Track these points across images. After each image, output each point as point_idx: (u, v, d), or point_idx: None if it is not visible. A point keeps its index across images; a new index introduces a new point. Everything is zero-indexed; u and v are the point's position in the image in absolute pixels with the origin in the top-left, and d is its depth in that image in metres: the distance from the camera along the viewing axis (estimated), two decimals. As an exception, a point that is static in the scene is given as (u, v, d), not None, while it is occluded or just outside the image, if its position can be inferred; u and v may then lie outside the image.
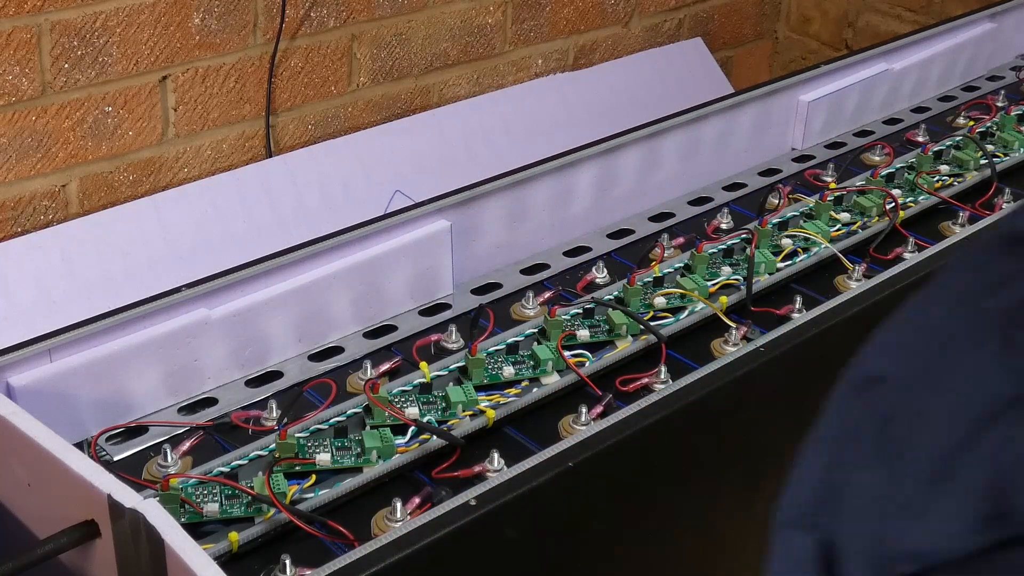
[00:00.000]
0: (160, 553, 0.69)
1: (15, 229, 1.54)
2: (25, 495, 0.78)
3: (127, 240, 1.53)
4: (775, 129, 1.42)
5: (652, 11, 2.13)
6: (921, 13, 2.20)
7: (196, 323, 0.98)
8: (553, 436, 0.93)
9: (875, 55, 1.50)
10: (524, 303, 1.11)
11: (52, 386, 0.92)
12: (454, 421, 0.94)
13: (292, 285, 1.03)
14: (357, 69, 1.79)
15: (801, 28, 2.38)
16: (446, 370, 0.98)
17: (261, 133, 1.72)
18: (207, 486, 0.86)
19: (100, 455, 0.92)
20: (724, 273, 1.13)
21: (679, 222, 1.28)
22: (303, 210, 1.66)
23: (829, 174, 1.36)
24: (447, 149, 1.81)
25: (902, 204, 1.24)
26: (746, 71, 2.36)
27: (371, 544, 0.77)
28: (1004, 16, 1.65)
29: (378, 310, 1.10)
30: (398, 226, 1.09)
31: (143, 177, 1.63)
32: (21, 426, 0.76)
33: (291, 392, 1.00)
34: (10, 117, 1.49)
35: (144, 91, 1.59)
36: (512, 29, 1.95)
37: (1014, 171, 1.35)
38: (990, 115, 1.45)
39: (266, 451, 0.89)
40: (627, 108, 1.93)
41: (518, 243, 1.20)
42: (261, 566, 0.81)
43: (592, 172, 1.24)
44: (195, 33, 1.61)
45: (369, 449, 0.89)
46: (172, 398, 0.99)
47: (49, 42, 1.49)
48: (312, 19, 1.71)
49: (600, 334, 1.04)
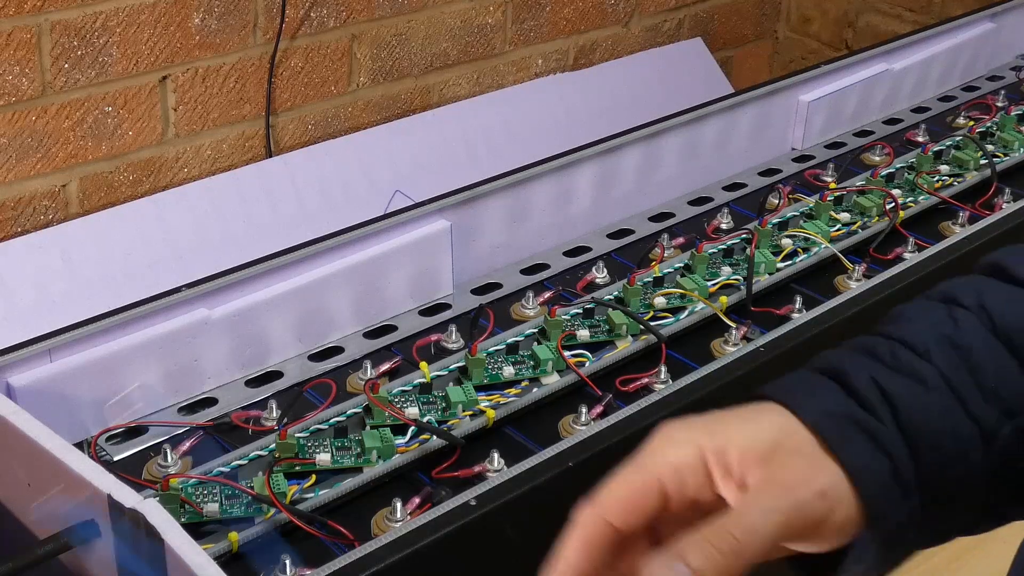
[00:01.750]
0: (160, 553, 0.69)
1: (15, 229, 1.54)
2: (25, 495, 0.78)
3: (127, 240, 1.53)
4: (775, 129, 1.42)
5: (652, 11, 2.13)
6: (921, 13, 2.20)
7: (196, 323, 0.98)
8: (553, 436, 0.93)
9: (875, 55, 1.50)
10: (524, 303, 1.11)
11: (52, 386, 0.92)
12: (454, 421, 0.94)
13: (292, 285, 1.03)
14: (357, 69, 1.79)
15: (801, 28, 2.38)
16: (446, 370, 0.98)
17: (261, 133, 1.72)
18: (207, 486, 0.86)
19: (100, 455, 0.92)
20: (724, 273, 1.13)
21: (679, 222, 1.28)
22: (303, 210, 1.66)
23: (829, 174, 1.36)
24: (447, 149, 1.81)
25: (902, 204, 1.24)
26: (746, 71, 2.36)
27: (371, 544, 0.77)
28: (1004, 16, 1.65)
29: (378, 310, 1.10)
30: (398, 226, 1.09)
31: (143, 177, 1.63)
32: (21, 426, 0.76)
33: (291, 392, 1.00)
34: (10, 117, 1.49)
35: (144, 91, 1.59)
36: (512, 29, 1.95)
37: (1014, 171, 1.35)
38: (990, 115, 1.45)
39: (266, 451, 0.89)
40: (627, 108, 1.93)
41: (518, 243, 1.20)
42: (261, 566, 0.82)
43: (592, 172, 1.24)
44: (195, 33, 1.61)
45: (369, 449, 0.89)
46: (172, 398, 0.99)
47: (49, 42, 1.49)
48: (312, 19, 1.71)
49: (600, 334, 1.04)
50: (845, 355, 0.54)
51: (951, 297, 0.55)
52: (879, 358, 0.53)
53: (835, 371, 0.52)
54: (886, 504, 0.49)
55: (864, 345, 0.54)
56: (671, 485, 0.49)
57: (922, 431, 0.50)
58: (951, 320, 0.54)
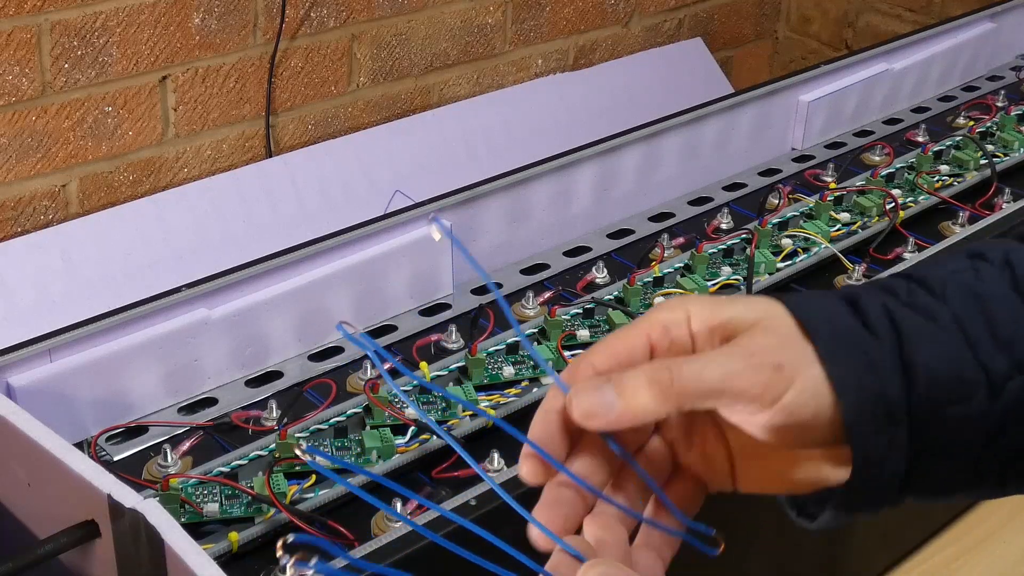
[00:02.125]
0: (160, 553, 0.69)
1: (15, 229, 1.54)
2: (25, 495, 0.78)
3: (127, 240, 1.53)
4: (775, 129, 1.42)
5: (652, 11, 2.13)
6: (921, 13, 2.20)
7: (196, 323, 0.98)
8: (553, 436, 0.93)
9: (875, 55, 1.50)
10: (524, 303, 1.12)
11: (52, 386, 0.92)
12: (454, 421, 0.94)
13: (292, 285, 1.03)
14: (357, 69, 1.79)
15: (801, 28, 2.38)
16: (446, 370, 0.98)
17: (261, 133, 1.72)
18: (207, 486, 0.86)
19: (100, 455, 0.92)
20: (724, 273, 1.13)
21: (679, 222, 1.28)
22: (303, 210, 1.66)
23: (829, 174, 1.36)
24: (447, 149, 1.81)
25: (902, 204, 1.24)
26: (746, 71, 2.36)
27: (371, 544, 0.77)
28: (1004, 16, 1.65)
29: (378, 310, 1.10)
30: (398, 226, 1.09)
31: (143, 177, 1.64)
32: (21, 426, 0.76)
33: (291, 392, 1.00)
34: (10, 117, 1.49)
35: (144, 91, 1.59)
36: (512, 29, 1.95)
37: (1014, 171, 1.35)
38: (990, 115, 1.45)
39: (266, 451, 0.89)
40: (627, 108, 1.93)
41: (518, 243, 1.20)
42: (261, 566, 0.82)
43: (592, 172, 1.24)
44: (195, 33, 1.61)
45: (369, 449, 0.90)
46: (172, 398, 0.99)
47: (49, 42, 1.49)
48: (312, 19, 1.71)
49: (600, 334, 1.04)
50: (862, 287, 0.54)
51: (977, 253, 0.55)
52: (895, 293, 0.53)
53: (849, 296, 0.53)
54: (866, 421, 0.49)
55: (883, 282, 0.54)
56: (658, 341, 0.51)
57: (923, 364, 0.50)
58: (973, 271, 0.53)
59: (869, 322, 0.51)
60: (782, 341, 0.49)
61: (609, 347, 0.51)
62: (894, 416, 0.49)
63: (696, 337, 0.51)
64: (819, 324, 0.50)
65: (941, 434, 0.50)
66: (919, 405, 0.50)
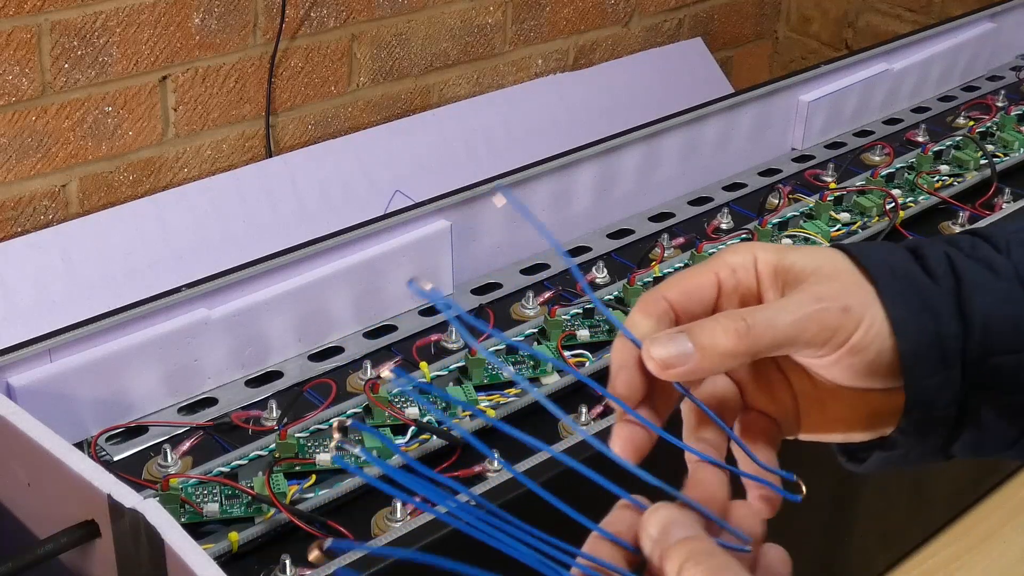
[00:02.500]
0: (160, 553, 0.69)
1: (15, 229, 1.54)
2: (25, 495, 0.78)
3: (127, 240, 1.54)
4: (775, 129, 1.42)
5: (652, 11, 2.13)
6: (921, 13, 2.20)
7: (196, 323, 0.98)
8: (553, 436, 0.93)
9: (875, 55, 1.50)
10: (524, 303, 1.11)
11: (52, 386, 0.92)
12: (455, 421, 0.94)
13: (292, 285, 1.03)
14: (357, 69, 1.79)
15: (801, 28, 2.38)
16: (446, 370, 0.98)
17: (261, 133, 1.72)
18: (207, 486, 0.86)
19: (100, 455, 0.92)
20: (724, 273, 1.13)
21: (679, 222, 1.28)
22: (303, 210, 1.66)
23: (829, 174, 1.36)
24: (447, 149, 1.82)
25: (902, 204, 1.24)
26: (746, 71, 2.37)
27: (371, 544, 0.77)
28: (1004, 16, 1.65)
29: (378, 310, 1.10)
30: (398, 226, 1.09)
31: (143, 177, 1.64)
32: (21, 426, 0.76)
33: (291, 392, 1.00)
34: (10, 117, 1.49)
35: (144, 91, 1.59)
36: (512, 29, 1.95)
37: (1014, 171, 1.35)
38: (990, 115, 1.45)
39: (266, 451, 0.89)
40: (627, 108, 1.93)
41: (518, 243, 1.20)
42: (261, 566, 0.82)
43: (592, 172, 1.24)
44: (195, 33, 1.61)
45: (369, 449, 0.89)
46: (172, 398, 0.99)
47: (49, 42, 1.49)
48: (312, 19, 1.71)
49: (600, 334, 1.04)
50: (926, 239, 0.55)
51: None
52: (957, 245, 0.54)
53: (912, 245, 0.55)
54: (921, 362, 0.50)
55: (946, 236, 0.56)
56: (726, 281, 0.52)
57: (980, 310, 0.51)
58: None
59: (929, 268, 0.53)
60: (845, 285, 0.51)
61: (680, 283, 0.52)
62: (948, 359, 0.51)
63: (761, 279, 0.53)
64: (880, 268, 0.52)
65: (993, 381, 0.51)
66: (973, 351, 0.51)
